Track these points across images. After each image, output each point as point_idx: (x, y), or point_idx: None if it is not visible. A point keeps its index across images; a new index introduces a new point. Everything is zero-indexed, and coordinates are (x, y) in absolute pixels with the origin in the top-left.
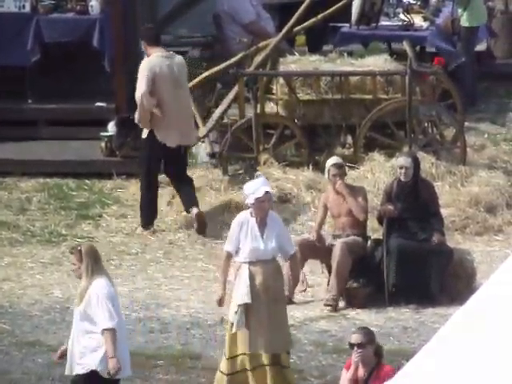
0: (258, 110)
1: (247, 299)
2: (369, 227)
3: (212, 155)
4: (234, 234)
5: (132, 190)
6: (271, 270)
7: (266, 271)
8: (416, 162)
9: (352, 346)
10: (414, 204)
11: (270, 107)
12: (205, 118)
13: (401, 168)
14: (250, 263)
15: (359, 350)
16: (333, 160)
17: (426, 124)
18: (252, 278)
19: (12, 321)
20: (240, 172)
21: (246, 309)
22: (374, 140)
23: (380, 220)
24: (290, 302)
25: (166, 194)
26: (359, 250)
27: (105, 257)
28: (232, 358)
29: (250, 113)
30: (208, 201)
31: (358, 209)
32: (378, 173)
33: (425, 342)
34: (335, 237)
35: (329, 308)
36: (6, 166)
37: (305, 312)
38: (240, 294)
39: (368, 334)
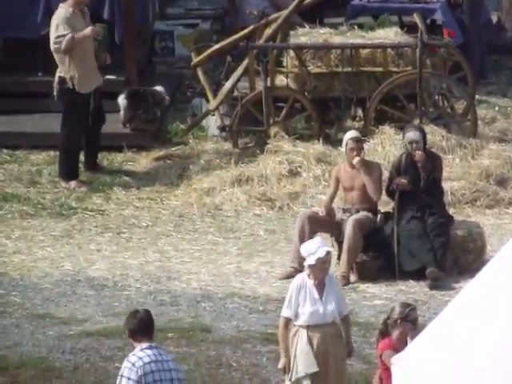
0: (269, 83)
1: (313, 368)
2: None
3: (222, 128)
4: (292, 299)
5: (142, 162)
6: (330, 334)
7: (325, 336)
8: (423, 135)
9: (414, 321)
10: (422, 176)
11: (281, 80)
12: (215, 91)
13: (410, 143)
14: (308, 327)
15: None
16: (351, 134)
17: (436, 97)
18: (310, 343)
19: (23, 293)
20: (250, 145)
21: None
22: (384, 113)
23: (389, 193)
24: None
25: (177, 166)
26: (370, 225)
27: (115, 230)
28: None
29: (260, 86)
30: (218, 174)
31: (374, 189)
32: (389, 146)
33: (435, 314)
34: (345, 211)
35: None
36: (17, 139)
37: None
38: (302, 363)
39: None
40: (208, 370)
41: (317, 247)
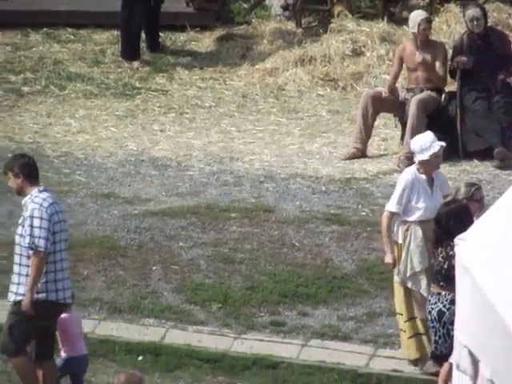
0: None
1: (427, 263)
2: None
3: (285, 7)
4: (403, 195)
5: (205, 42)
6: None
7: None
8: (484, 12)
9: (480, 200)
10: (486, 54)
11: None
12: None
13: (471, 20)
14: (421, 222)
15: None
16: (422, 13)
17: None
18: (426, 238)
19: (87, 173)
20: (314, 24)
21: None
22: None
23: (452, 74)
24: (363, 155)
25: (240, 46)
26: (434, 105)
27: (178, 110)
28: (410, 319)
29: None
30: (281, 54)
31: (438, 78)
32: (454, 24)
33: (499, 194)
34: (409, 90)
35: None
36: (80, 18)
37: (378, 165)
38: (418, 258)
39: None
40: (271, 249)
41: (430, 142)
